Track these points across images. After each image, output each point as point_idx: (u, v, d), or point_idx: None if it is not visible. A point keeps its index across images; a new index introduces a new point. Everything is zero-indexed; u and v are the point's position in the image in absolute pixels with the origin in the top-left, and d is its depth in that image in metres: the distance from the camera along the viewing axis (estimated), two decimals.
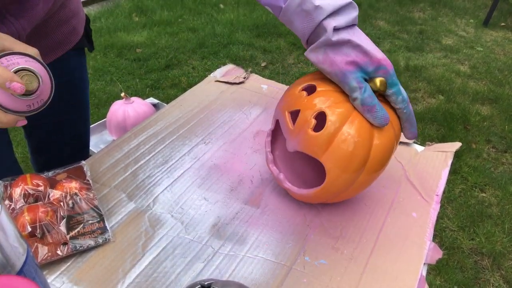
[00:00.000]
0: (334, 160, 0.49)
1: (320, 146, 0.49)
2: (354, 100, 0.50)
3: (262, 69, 2.53)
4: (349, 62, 0.49)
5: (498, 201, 1.73)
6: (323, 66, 0.51)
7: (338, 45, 0.49)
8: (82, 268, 0.50)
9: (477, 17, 3.54)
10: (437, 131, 2.12)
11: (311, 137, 0.50)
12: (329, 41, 0.49)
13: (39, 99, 0.45)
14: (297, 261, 0.53)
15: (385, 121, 0.50)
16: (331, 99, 0.51)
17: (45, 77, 0.46)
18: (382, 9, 3.54)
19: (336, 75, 0.50)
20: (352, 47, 0.49)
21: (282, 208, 0.60)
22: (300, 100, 0.52)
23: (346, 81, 0.49)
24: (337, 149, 0.49)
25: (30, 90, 0.44)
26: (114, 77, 2.31)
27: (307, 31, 0.50)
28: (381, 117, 0.49)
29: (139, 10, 3.11)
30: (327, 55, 0.50)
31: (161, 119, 0.76)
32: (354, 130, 0.49)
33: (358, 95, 0.49)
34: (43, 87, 0.45)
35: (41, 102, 0.46)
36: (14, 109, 0.44)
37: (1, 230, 0.31)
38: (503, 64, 2.83)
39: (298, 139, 0.51)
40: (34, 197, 0.54)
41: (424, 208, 0.62)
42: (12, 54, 0.43)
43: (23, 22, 0.57)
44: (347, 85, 0.50)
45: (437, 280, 1.39)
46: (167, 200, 0.60)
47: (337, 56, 0.49)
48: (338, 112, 0.49)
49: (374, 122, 0.50)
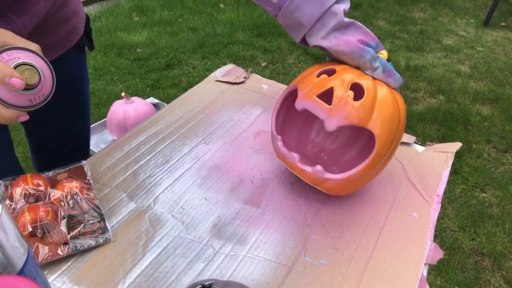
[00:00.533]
0: (380, 124, 0.52)
1: (366, 113, 0.52)
2: (376, 70, 0.55)
3: (262, 69, 2.53)
4: (360, 40, 0.55)
5: (498, 201, 1.72)
6: (339, 48, 0.55)
7: (346, 27, 0.55)
8: (83, 268, 0.50)
9: (478, 17, 3.54)
10: (437, 131, 2.11)
11: (355, 106, 0.52)
12: (342, 23, 0.54)
13: (40, 94, 0.45)
14: (298, 261, 0.53)
15: (401, 80, 0.56)
16: (355, 73, 0.55)
17: (46, 72, 0.46)
18: (383, 9, 3.54)
19: (354, 52, 0.54)
20: (356, 28, 0.56)
21: (283, 208, 0.60)
22: (326, 81, 0.54)
23: (365, 54, 0.54)
24: (381, 112, 0.52)
25: (30, 85, 0.43)
26: (115, 76, 2.31)
27: (314, 17, 0.54)
28: (399, 78, 0.56)
29: (139, 10, 3.11)
30: (340, 38, 0.55)
31: (161, 119, 0.76)
32: (386, 93, 0.54)
33: (379, 64, 0.55)
34: (44, 82, 0.45)
35: (43, 96, 0.46)
36: (16, 104, 0.44)
37: (2, 229, 0.31)
38: (503, 64, 2.83)
39: (340, 114, 0.52)
40: (34, 197, 0.54)
41: (424, 208, 0.62)
42: (13, 49, 0.43)
43: (24, 20, 0.57)
44: (367, 57, 0.54)
45: (438, 280, 1.39)
46: (168, 200, 0.60)
47: (349, 36, 0.55)
48: (368, 81, 0.54)
49: (395, 84, 0.56)
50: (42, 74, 0.44)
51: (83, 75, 0.81)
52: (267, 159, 0.69)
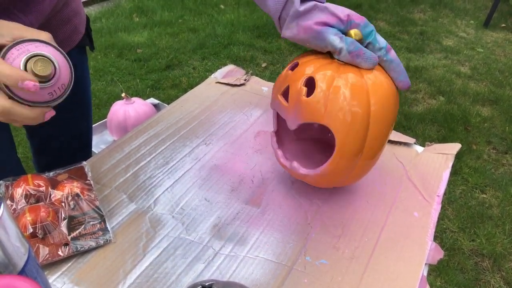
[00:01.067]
0: (335, 117, 0.48)
1: (318, 108, 0.49)
2: (340, 52, 0.50)
3: (262, 69, 2.53)
4: (320, 22, 0.50)
5: (498, 202, 1.72)
6: (300, 37, 0.52)
7: (306, 13, 0.51)
8: (83, 268, 0.50)
9: (478, 18, 3.55)
10: (437, 132, 2.12)
11: (306, 102, 0.49)
12: (297, 11, 0.50)
13: (60, 85, 0.43)
14: (298, 261, 0.53)
15: (375, 59, 0.51)
16: (315, 65, 0.52)
17: (61, 61, 0.43)
18: (383, 10, 3.55)
19: (314, 38, 0.51)
20: (320, 10, 0.51)
21: (283, 207, 0.60)
22: (287, 78, 0.53)
23: (325, 37, 0.50)
24: (335, 104, 0.48)
25: (46, 76, 0.41)
26: (115, 77, 2.31)
27: (279, 7, 0.52)
28: (370, 56, 0.50)
29: (139, 11, 3.11)
30: (300, 25, 0.51)
31: (162, 120, 0.76)
32: (346, 79, 0.49)
33: (342, 44, 0.50)
34: (60, 72, 0.43)
35: (63, 87, 0.43)
36: (37, 101, 0.42)
37: (3, 229, 0.31)
38: (503, 65, 2.83)
39: (295, 111, 0.51)
40: (35, 198, 0.55)
41: (425, 208, 0.62)
42: (23, 42, 0.41)
43: (31, 18, 0.57)
44: (328, 40, 0.50)
45: (438, 281, 1.39)
46: (168, 201, 0.60)
47: (308, 21, 0.51)
48: (324, 72, 0.50)
49: (366, 64, 0.50)
50: (56, 64, 0.42)
51: (84, 75, 0.82)
52: (268, 158, 0.69)
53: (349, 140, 0.50)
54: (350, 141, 0.50)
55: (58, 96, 0.43)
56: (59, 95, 0.43)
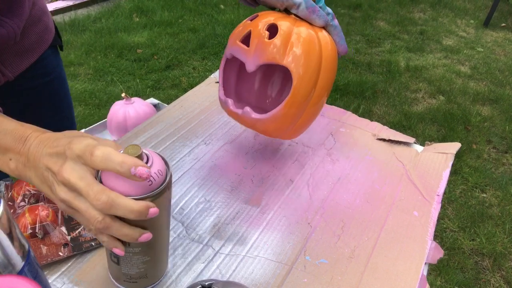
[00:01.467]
0: (296, 59, 0.53)
1: (279, 50, 0.53)
2: (299, 7, 0.55)
3: None
4: None
5: (498, 201, 1.73)
6: None
7: None
8: (83, 268, 0.50)
9: (478, 18, 3.55)
10: (437, 131, 2.12)
11: (268, 44, 0.53)
12: None
13: (156, 169, 0.39)
14: (298, 261, 0.53)
15: (326, 18, 0.56)
16: (274, 16, 0.56)
17: (149, 151, 0.40)
18: (383, 10, 3.55)
19: None
20: None
21: (283, 207, 0.60)
22: (248, 25, 0.56)
23: None
24: (295, 48, 0.53)
25: (139, 157, 0.38)
26: (115, 77, 2.31)
27: None
28: (324, 15, 0.56)
29: (139, 11, 3.11)
30: None
31: (161, 120, 0.76)
32: (304, 31, 0.54)
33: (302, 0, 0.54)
34: (149, 156, 0.39)
35: (160, 173, 0.39)
36: (141, 194, 0.38)
37: (3, 229, 0.31)
38: (503, 65, 2.83)
39: (256, 53, 0.54)
40: (35, 198, 0.55)
41: (425, 207, 0.62)
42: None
43: (17, 21, 0.58)
44: None
45: (438, 280, 1.39)
46: None
47: None
48: (284, 22, 0.55)
49: (319, 21, 0.56)
50: (143, 149, 0.39)
51: (62, 76, 0.81)
52: (267, 158, 0.69)
53: (303, 84, 0.54)
54: (304, 85, 0.54)
55: (158, 184, 0.39)
56: (158, 182, 0.39)
